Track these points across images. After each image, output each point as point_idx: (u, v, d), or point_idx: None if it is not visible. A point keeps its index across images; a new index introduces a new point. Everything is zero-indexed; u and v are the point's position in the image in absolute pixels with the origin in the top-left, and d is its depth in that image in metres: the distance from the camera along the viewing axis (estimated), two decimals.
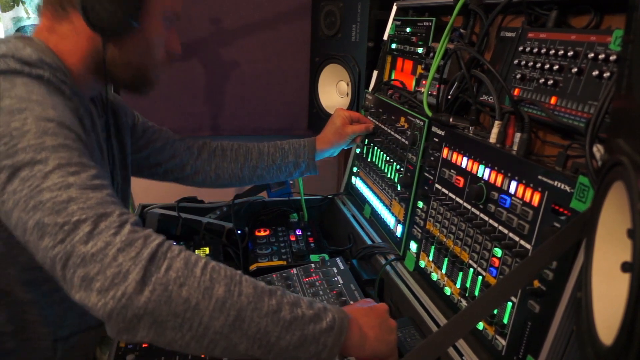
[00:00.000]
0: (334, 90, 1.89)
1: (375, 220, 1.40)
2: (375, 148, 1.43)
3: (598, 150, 0.66)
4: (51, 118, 0.73)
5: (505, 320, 0.82)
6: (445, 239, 1.01)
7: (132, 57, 0.91)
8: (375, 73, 1.56)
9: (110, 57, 0.89)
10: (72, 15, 0.87)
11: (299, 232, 1.45)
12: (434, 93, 1.14)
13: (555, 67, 0.83)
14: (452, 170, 1.02)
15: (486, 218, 0.89)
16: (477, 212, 0.92)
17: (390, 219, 1.29)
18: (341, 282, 1.16)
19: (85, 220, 0.65)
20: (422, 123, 1.16)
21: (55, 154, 0.70)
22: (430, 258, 1.07)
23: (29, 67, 0.78)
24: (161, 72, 0.99)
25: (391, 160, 1.31)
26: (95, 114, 0.95)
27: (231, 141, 1.37)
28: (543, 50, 0.87)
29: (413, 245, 1.15)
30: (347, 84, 1.78)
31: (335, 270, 1.21)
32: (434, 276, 1.05)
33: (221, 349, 0.67)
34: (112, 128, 1.05)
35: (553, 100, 0.84)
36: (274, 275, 1.20)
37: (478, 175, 0.93)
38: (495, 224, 0.86)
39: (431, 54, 1.18)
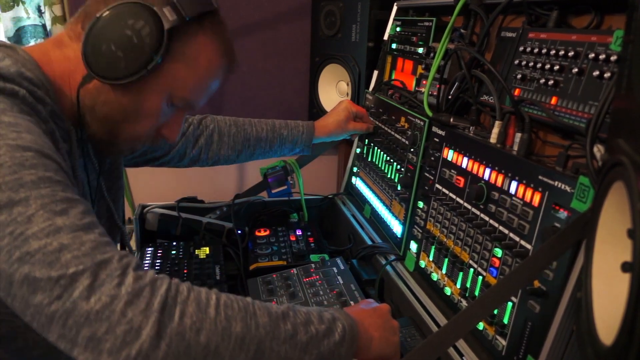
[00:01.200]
0: (334, 90, 1.89)
1: (375, 220, 1.40)
2: (376, 148, 1.43)
3: (598, 150, 0.66)
4: (28, 146, 0.64)
5: (505, 320, 0.82)
6: (445, 239, 1.01)
7: (111, 112, 0.81)
8: (375, 73, 1.56)
9: (90, 99, 0.80)
10: None
11: (299, 232, 1.45)
12: (435, 93, 1.14)
13: (556, 68, 0.83)
14: (452, 171, 1.02)
15: (486, 218, 0.89)
16: (478, 212, 0.92)
17: (390, 219, 1.29)
18: (341, 282, 1.16)
19: (84, 271, 0.58)
20: (422, 123, 1.16)
21: (37, 191, 0.61)
22: (431, 258, 1.07)
23: (2, 82, 0.70)
24: (139, 147, 0.90)
25: (391, 160, 1.31)
26: (74, 134, 0.85)
27: (228, 118, 1.34)
28: (544, 51, 0.87)
29: (413, 245, 1.15)
30: (347, 84, 1.78)
31: (335, 270, 1.21)
32: (434, 276, 1.05)
33: None
34: (91, 155, 0.95)
35: (554, 100, 0.84)
36: (274, 275, 1.20)
37: (478, 175, 0.93)
38: (496, 224, 0.86)
39: (432, 54, 1.18)
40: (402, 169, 1.24)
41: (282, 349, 0.65)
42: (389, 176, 1.32)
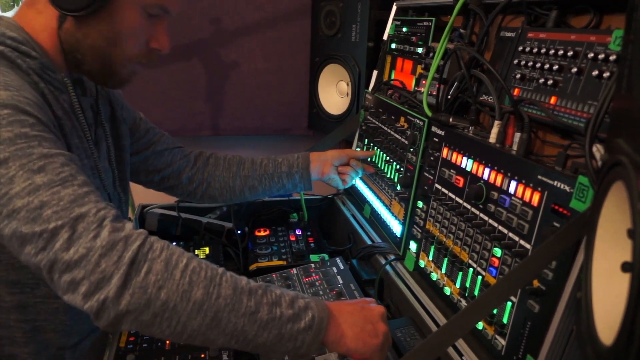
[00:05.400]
0: (334, 90, 1.89)
1: (375, 220, 1.40)
2: (375, 148, 1.43)
3: (598, 150, 0.66)
4: (4, 103, 0.69)
5: (504, 320, 0.82)
6: (445, 239, 1.01)
7: (95, 41, 0.84)
8: (375, 73, 1.56)
9: (71, 36, 0.83)
10: None
11: (299, 232, 1.45)
12: (434, 93, 1.14)
13: (555, 67, 0.83)
14: (451, 170, 1.02)
15: (486, 218, 0.89)
16: (477, 212, 0.92)
17: (390, 219, 1.29)
18: (341, 282, 1.16)
19: (63, 226, 0.65)
20: (421, 123, 1.16)
21: (14, 147, 0.67)
22: (430, 258, 1.07)
23: None
24: (139, 69, 0.92)
25: (391, 160, 1.31)
26: (78, 92, 0.89)
27: (228, 153, 1.31)
28: (543, 50, 0.87)
29: (413, 245, 1.15)
30: (347, 84, 1.78)
31: (335, 270, 1.21)
32: (434, 276, 1.05)
33: (200, 342, 0.71)
34: (101, 112, 0.98)
35: (553, 100, 0.84)
36: (274, 275, 1.20)
37: (478, 175, 0.93)
38: (495, 224, 0.86)
39: (431, 54, 1.18)
40: (402, 169, 1.24)
41: (240, 322, 0.70)
42: (388, 176, 1.32)
